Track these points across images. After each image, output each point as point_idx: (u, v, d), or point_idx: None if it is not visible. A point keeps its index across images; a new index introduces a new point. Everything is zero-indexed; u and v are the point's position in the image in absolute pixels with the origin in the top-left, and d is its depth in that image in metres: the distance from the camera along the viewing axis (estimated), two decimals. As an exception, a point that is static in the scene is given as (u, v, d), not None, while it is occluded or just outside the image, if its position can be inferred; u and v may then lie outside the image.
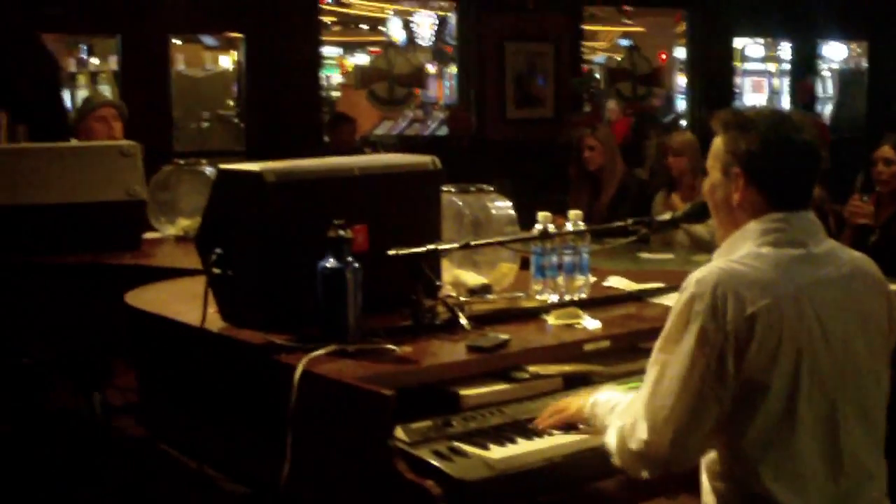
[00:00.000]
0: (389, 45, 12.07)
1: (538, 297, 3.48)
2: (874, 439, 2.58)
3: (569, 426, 2.81)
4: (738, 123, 2.61)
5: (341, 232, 2.91)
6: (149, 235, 5.43)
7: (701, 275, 2.50)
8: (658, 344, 2.54)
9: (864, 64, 14.98)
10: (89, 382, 5.17)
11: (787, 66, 15.00)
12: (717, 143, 2.65)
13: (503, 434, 2.76)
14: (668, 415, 2.45)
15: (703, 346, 2.42)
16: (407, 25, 14.90)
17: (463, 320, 3.14)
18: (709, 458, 2.55)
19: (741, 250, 2.57)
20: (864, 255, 2.71)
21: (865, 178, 6.16)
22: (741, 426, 2.45)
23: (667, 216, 3.35)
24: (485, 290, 3.51)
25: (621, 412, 2.62)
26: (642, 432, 2.48)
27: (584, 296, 3.51)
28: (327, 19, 13.93)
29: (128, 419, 4.94)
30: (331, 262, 2.90)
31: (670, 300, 2.56)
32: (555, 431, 2.80)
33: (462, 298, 3.37)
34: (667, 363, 2.48)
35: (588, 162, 7.16)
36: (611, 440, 2.60)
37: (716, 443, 2.51)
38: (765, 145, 2.56)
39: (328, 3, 13.37)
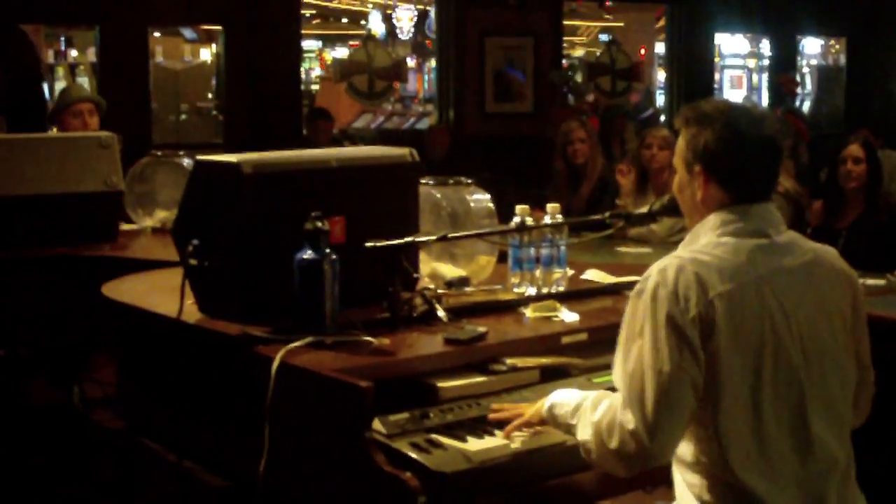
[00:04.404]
0: (369, 38, 12.04)
1: (516, 289, 3.49)
2: (839, 425, 2.59)
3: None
4: (696, 119, 2.62)
5: (318, 224, 2.91)
6: (126, 227, 5.43)
7: (662, 265, 2.52)
8: (625, 336, 2.55)
9: (843, 60, 15.03)
10: (68, 375, 5.16)
11: (767, 62, 15.03)
12: (680, 140, 2.67)
13: (481, 426, 2.77)
14: (651, 404, 2.44)
15: (674, 330, 2.44)
16: (387, 19, 14.90)
17: (440, 313, 3.15)
18: (678, 452, 2.55)
19: (702, 241, 2.59)
20: (827, 245, 2.73)
21: (828, 176, 6.14)
22: (710, 413, 2.46)
23: (644, 209, 3.35)
24: (462, 282, 3.52)
25: (589, 410, 2.60)
26: (629, 423, 2.46)
27: (561, 289, 3.53)
28: (307, 12, 13.91)
29: (107, 412, 4.93)
30: (308, 254, 2.91)
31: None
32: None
33: (440, 291, 3.37)
34: (641, 354, 2.48)
35: (578, 154, 7.16)
36: (587, 440, 2.57)
37: (687, 433, 2.52)
38: (721, 142, 2.58)
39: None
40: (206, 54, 13.46)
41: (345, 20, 15.88)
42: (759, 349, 2.47)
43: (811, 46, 16.07)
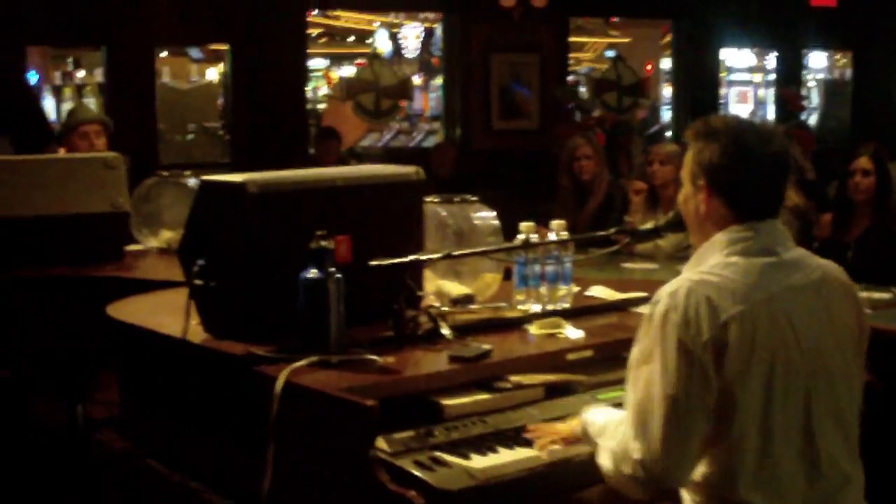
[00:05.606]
0: (375, 56, 12.06)
1: (521, 306, 3.49)
2: (849, 442, 2.59)
3: None
4: (704, 133, 2.64)
5: (324, 243, 2.92)
6: (132, 247, 5.44)
7: (672, 288, 2.51)
8: (634, 362, 2.55)
9: (849, 74, 15.02)
10: (72, 395, 5.16)
11: (773, 77, 15.03)
12: (688, 153, 2.68)
13: (485, 444, 2.77)
14: (657, 432, 2.45)
15: (684, 357, 2.43)
16: (393, 37, 14.92)
17: (445, 330, 3.15)
18: None
19: (710, 261, 2.58)
20: (832, 262, 2.73)
21: (838, 189, 6.13)
22: (721, 435, 2.46)
23: (649, 225, 3.36)
24: (467, 300, 3.52)
25: (610, 434, 2.62)
26: (635, 452, 2.48)
27: (566, 305, 3.52)
28: (314, 31, 13.94)
29: (110, 432, 4.93)
30: (313, 273, 2.91)
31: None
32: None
33: (445, 308, 3.37)
34: (650, 380, 2.48)
35: (584, 171, 7.16)
36: (605, 463, 2.59)
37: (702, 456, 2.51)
38: (726, 157, 2.58)
39: (314, 15, 13.38)
40: (213, 74, 13.50)
41: (351, 39, 15.91)
42: (771, 368, 2.47)
43: (817, 60, 16.06)
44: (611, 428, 2.63)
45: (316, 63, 15.01)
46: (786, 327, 2.50)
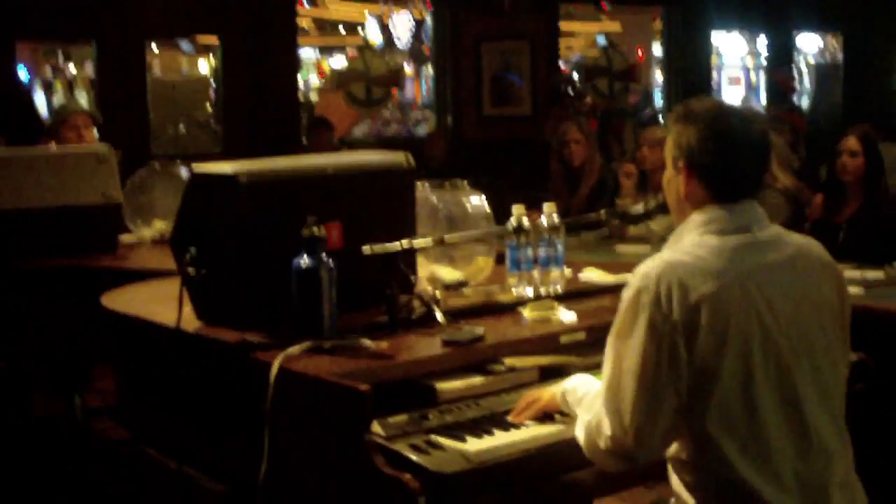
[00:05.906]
0: (366, 46, 12.04)
1: (514, 290, 3.49)
2: (835, 417, 2.60)
3: (545, 416, 2.84)
4: (684, 116, 2.67)
5: (315, 230, 2.92)
6: (125, 238, 5.44)
7: (646, 268, 2.53)
8: (610, 339, 2.57)
9: (840, 57, 15.02)
10: (69, 385, 5.17)
11: (765, 61, 15.02)
12: (669, 136, 2.71)
13: (480, 426, 2.78)
14: (627, 409, 2.48)
15: (654, 337, 2.45)
16: (384, 27, 14.89)
17: (438, 315, 3.16)
18: (672, 451, 2.57)
19: (685, 240, 2.61)
20: (810, 237, 2.75)
21: (828, 171, 6.14)
22: (700, 412, 2.47)
23: (639, 208, 3.36)
24: (460, 284, 3.52)
25: (587, 406, 2.66)
26: (606, 428, 2.52)
27: (559, 289, 3.52)
28: (304, 22, 13.91)
29: (108, 422, 4.95)
30: (305, 260, 2.91)
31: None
32: (531, 423, 2.83)
33: (438, 293, 3.37)
34: (621, 357, 2.51)
35: (574, 156, 7.17)
36: (580, 436, 2.63)
37: (679, 434, 2.52)
38: (704, 140, 2.61)
39: (305, 7, 13.36)
40: (205, 67, 13.47)
41: (342, 29, 15.87)
42: (748, 346, 2.48)
43: (808, 43, 16.05)
44: (588, 400, 2.68)
45: (307, 54, 14.97)
46: (761, 304, 2.51)
